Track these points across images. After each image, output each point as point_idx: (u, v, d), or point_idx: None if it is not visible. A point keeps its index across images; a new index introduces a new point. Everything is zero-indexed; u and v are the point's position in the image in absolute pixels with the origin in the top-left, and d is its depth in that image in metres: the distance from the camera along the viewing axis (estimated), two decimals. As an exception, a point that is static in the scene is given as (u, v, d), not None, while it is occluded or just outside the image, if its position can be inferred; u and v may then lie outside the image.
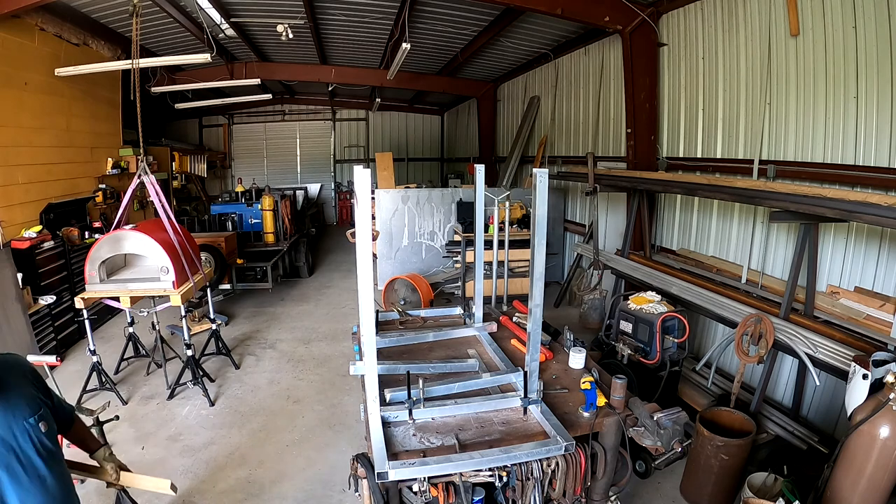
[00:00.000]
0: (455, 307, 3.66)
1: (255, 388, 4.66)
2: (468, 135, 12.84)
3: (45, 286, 5.29)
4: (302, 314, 6.78)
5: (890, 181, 3.18)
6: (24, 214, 5.44)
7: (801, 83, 3.80)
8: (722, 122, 4.64)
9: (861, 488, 2.31)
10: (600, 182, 5.60)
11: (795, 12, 3.73)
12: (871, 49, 3.26)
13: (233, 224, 7.68)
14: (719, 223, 4.76)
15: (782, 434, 3.44)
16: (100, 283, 4.13)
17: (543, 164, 8.25)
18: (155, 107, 8.92)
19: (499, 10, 6.18)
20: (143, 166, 4.19)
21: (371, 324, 2.14)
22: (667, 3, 5.09)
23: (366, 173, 1.90)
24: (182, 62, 6.88)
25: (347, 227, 11.61)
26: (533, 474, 2.09)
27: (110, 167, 7.17)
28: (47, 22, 5.64)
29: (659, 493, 3.26)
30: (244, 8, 6.32)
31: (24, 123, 5.55)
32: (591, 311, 5.99)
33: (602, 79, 6.56)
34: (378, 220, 6.89)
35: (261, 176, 13.48)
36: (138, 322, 5.12)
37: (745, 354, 3.36)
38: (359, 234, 1.97)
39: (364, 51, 8.51)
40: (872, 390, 2.33)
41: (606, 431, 2.29)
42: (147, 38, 7.04)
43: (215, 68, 8.54)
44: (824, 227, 3.59)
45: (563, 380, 2.67)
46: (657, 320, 3.65)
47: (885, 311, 3.23)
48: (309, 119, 14.64)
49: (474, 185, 3.10)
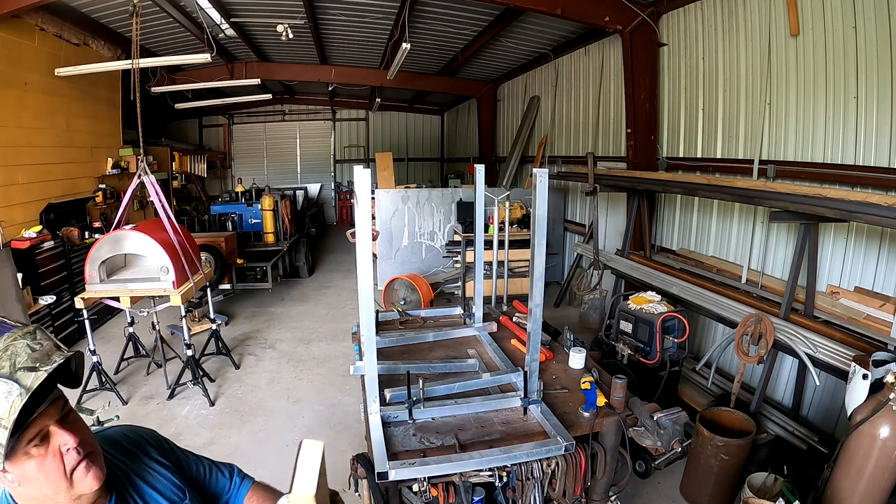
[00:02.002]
0: (455, 307, 3.66)
1: (255, 388, 4.66)
2: (468, 135, 12.84)
3: (45, 286, 5.29)
4: (302, 314, 6.78)
5: (890, 181, 3.18)
6: (24, 214, 5.44)
7: (801, 83, 3.80)
8: (722, 122, 4.64)
9: (861, 488, 2.31)
10: (600, 182, 5.60)
11: (795, 12, 3.73)
12: (871, 49, 3.26)
13: (233, 224, 7.68)
14: (719, 223, 4.76)
15: (782, 434, 3.44)
16: (100, 283, 4.13)
17: (543, 164, 8.25)
18: (155, 107, 8.92)
19: (499, 10, 6.18)
20: (143, 166, 4.20)
21: (371, 324, 2.14)
22: (667, 3, 5.08)
23: (366, 173, 1.89)
24: (182, 62, 6.88)
25: (347, 227, 11.61)
26: (533, 474, 2.09)
27: (110, 167, 7.18)
28: (47, 22, 5.64)
29: (659, 493, 3.26)
30: (244, 8, 6.32)
31: (24, 123, 5.55)
32: (591, 311, 5.99)
33: (602, 79, 6.56)
34: (378, 220, 6.89)
35: (261, 176, 13.48)
36: (138, 322, 5.12)
37: (745, 354, 3.36)
38: (359, 234, 1.97)
39: (364, 51, 8.51)
40: (872, 390, 2.33)
41: (606, 431, 2.29)
42: (147, 38, 7.03)
43: (215, 68, 8.54)
44: (824, 227, 3.59)
45: (563, 380, 2.67)
46: (657, 320, 3.65)
47: (885, 311, 3.23)
48: (309, 119, 14.64)
49: (474, 185, 3.10)
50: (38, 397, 0.89)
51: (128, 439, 1.18)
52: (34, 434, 0.88)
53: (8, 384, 0.81)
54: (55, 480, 0.90)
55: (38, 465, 0.89)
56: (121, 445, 1.15)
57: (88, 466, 0.94)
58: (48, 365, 0.85)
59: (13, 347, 0.84)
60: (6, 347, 0.84)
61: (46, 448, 0.90)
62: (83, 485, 0.93)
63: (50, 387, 0.93)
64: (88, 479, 0.94)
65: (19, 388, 0.81)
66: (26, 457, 0.88)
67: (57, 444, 0.91)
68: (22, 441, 0.87)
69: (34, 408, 0.88)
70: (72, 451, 0.92)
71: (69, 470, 0.92)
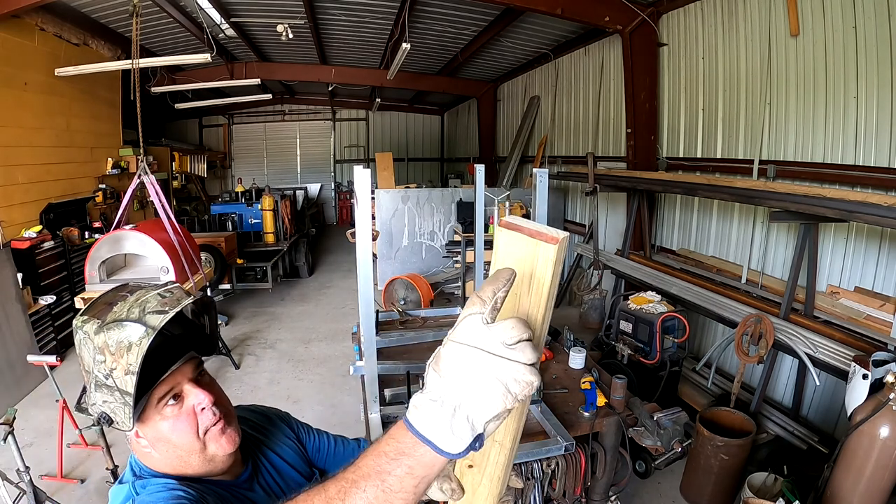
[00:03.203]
0: (455, 307, 3.67)
1: (255, 388, 4.66)
2: (468, 135, 12.84)
3: (45, 286, 5.29)
4: (302, 314, 6.78)
5: (890, 181, 3.18)
6: (24, 214, 5.43)
7: (801, 83, 3.79)
8: (722, 122, 4.64)
9: (861, 488, 2.31)
10: (600, 182, 5.60)
11: (795, 12, 3.73)
12: (871, 49, 3.26)
13: (233, 224, 7.68)
14: (719, 223, 4.76)
15: (782, 434, 3.44)
16: (100, 283, 4.14)
17: (543, 164, 8.24)
18: (155, 107, 8.92)
19: (499, 10, 6.18)
20: (143, 166, 4.21)
21: (371, 324, 2.14)
22: (667, 3, 5.08)
23: (366, 173, 1.89)
24: (182, 62, 6.88)
25: (347, 227, 11.61)
26: (533, 474, 2.09)
27: (110, 167, 7.17)
28: (47, 22, 5.64)
29: (659, 493, 3.26)
30: (244, 8, 6.32)
31: (24, 123, 5.55)
32: (591, 311, 5.99)
33: (602, 79, 6.56)
34: (378, 220, 6.89)
35: (261, 176, 13.47)
36: (138, 322, 5.12)
37: (745, 354, 3.36)
38: (359, 234, 1.97)
39: (364, 51, 8.51)
40: (872, 390, 2.33)
41: (606, 431, 2.29)
42: (147, 38, 7.03)
43: (215, 68, 8.54)
44: (824, 227, 3.59)
45: (563, 380, 2.67)
46: (657, 320, 3.65)
47: (885, 311, 3.23)
48: (309, 119, 14.64)
49: (474, 185, 3.10)
50: (170, 355, 0.87)
51: (256, 415, 1.17)
52: (166, 391, 0.86)
53: (136, 327, 0.79)
54: (188, 440, 0.87)
55: (171, 425, 0.86)
56: (250, 421, 1.13)
57: (224, 429, 0.90)
58: (176, 307, 0.83)
59: (144, 297, 0.84)
60: (138, 298, 0.83)
61: (180, 408, 0.87)
62: (217, 446, 0.90)
63: (183, 347, 0.91)
64: (223, 442, 0.90)
65: (145, 329, 0.79)
66: (160, 416, 0.86)
67: (191, 404, 0.88)
68: (153, 399, 0.85)
69: (166, 364, 0.86)
70: (207, 410, 0.88)
71: (203, 430, 0.88)
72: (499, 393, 0.52)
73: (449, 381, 0.53)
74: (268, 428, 1.15)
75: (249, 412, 1.17)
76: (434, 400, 0.53)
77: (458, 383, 0.53)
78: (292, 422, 1.24)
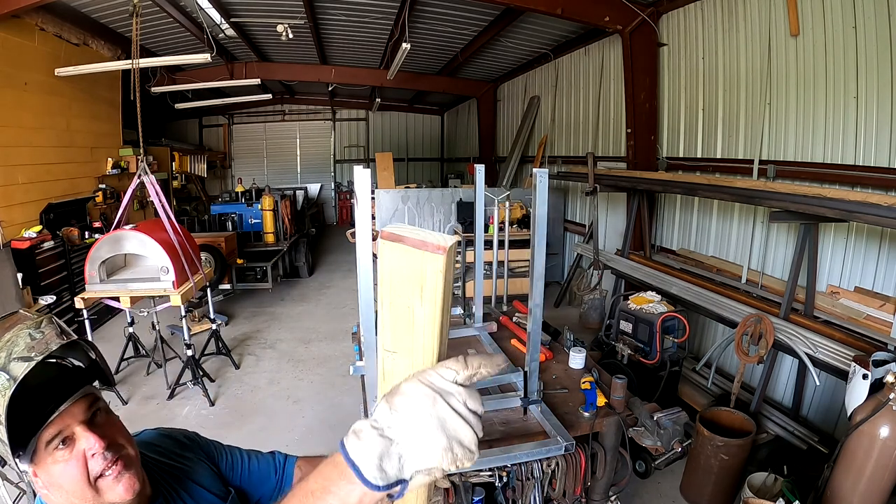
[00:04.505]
0: (455, 307, 3.66)
1: (255, 388, 4.66)
2: (468, 135, 12.84)
3: (45, 286, 5.29)
4: (302, 314, 6.78)
5: (890, 181, 3.18)
6: (24, 214, 5.44)
7: (801, 83, 3.79)
8: (722, 122, 4.64)
9: (861, 488, 2.31)
10: (600, 182, 5.60)
11: (795, 12, 3.73)
12: (871, 49, 3.26)
13: (233, 224, 7.68)
14: (719, 223, 4.76)
15: (782, 434, 3.44)
16: (100, 283, 4.13)
17: (543, 164, 8.24)
18: (155, 107, 8.92)
19: (499, 11, 6.18)
20: (143, 166, 4.20)
21: (371, 324, 2.14)
22: (667, 3, 5.08)
23: (366, 173, 1.89)
24: (182, 62, 6.88)
25: (347, 227, 11.61)
26: (533, 474, 2.09)
27: (110, 167, 7.17)
28: (47, 22, 5.64)
29: (659, 493, 3.26)
30: (244, 8, 6.32)
31: (24, 123, 5.55)
32: (591, 311, 5.99)
33: (602, 79, 6.56)
34: (378, 220, 6.89)
35: (261, 176, 13.47)
36: (138, 322, 5.12)
37: (745, 354, 3.36)
38: (359, 234, 1.97)
39: (364, 51, 8.51)
40: (872, 390, 2.33)
41: (606, 431, 2.29)
42: (147, 38, 7.03)
43: (215, 68, 8.54)
44: (824, 227, 3.59)
45: (563, 380, 2.67)
46: (657, 320, 3.65)
47: (885, 311, 3.23)
48: (309, 119, 14.64)
49: (474, 185, 3.10)
50: (66, 387, 0.83)
51: (167, 440, 1.12)
52: (53, 435, 0.81)
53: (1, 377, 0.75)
54: (79, 488, 0.82)
55: (62, 469, 0.81)
56: (161, 448, 1.08)
57: (120, 475, 0.84)
58: (42, 354, 0.77)
59: (15, 338, 0.79)
60: (10, 339, 0.79)
61: (71, 451, 0.82)
62: (112, 493, 0.84)
63: (72, 384, 0.85)
64: (119, 490, 0.84)
65: (7, 378, 0.74)
66: (51, 459, 0.81)
67: (81, 448, 0.83)
68: (41, 443, 0.80)
69: (60, 400, 0.81)
70: (98, 455, 0.83)
71: (93, 477, 0.83)
72: (441, 447, 0.52)
73: (399, 417, 0.53)
74: (180, 453, 1.10)
75: (160, 437, 1.11)
76: (375, 428, 0.54)
77: (406, 421, 0.53)
78: (202, 441, 1.20)
